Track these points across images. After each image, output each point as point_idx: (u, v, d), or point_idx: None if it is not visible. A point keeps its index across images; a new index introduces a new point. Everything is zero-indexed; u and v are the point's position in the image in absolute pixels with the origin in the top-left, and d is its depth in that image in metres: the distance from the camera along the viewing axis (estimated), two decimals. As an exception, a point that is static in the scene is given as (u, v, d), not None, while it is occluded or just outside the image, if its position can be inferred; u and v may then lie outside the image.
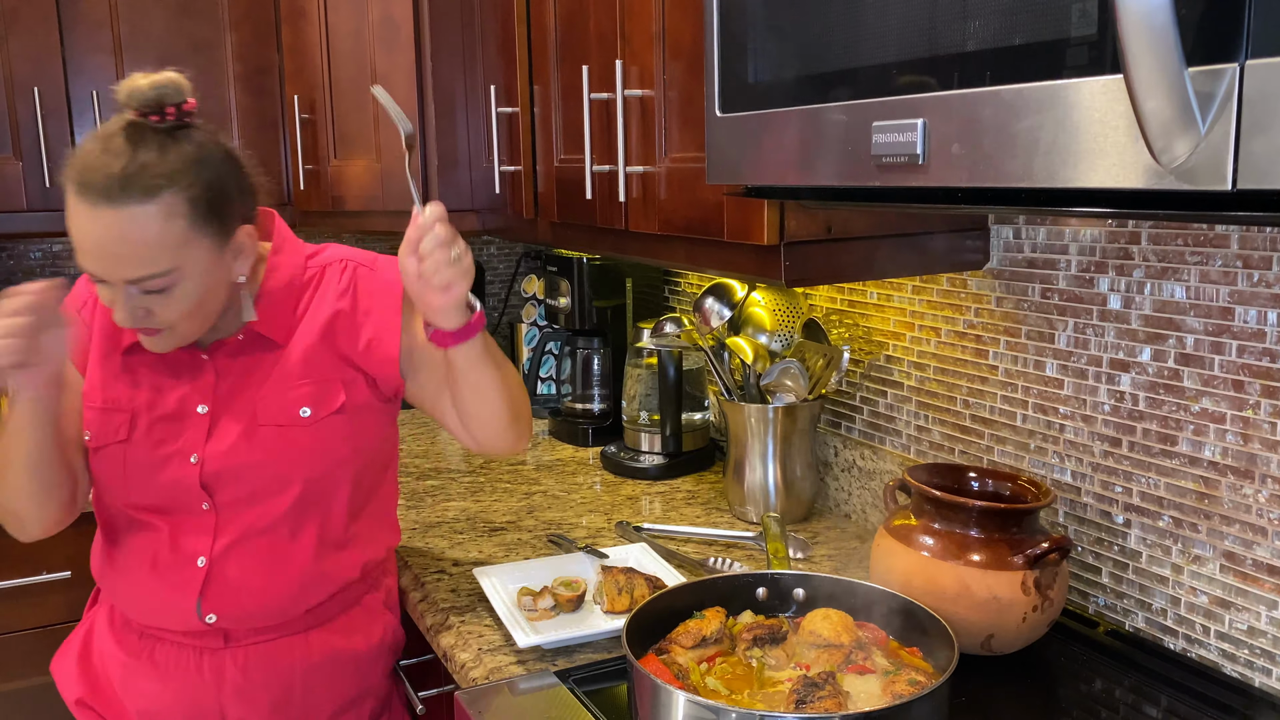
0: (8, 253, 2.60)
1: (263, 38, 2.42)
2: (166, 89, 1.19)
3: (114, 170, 1.15)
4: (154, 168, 1.16)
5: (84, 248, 1.17)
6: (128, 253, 1.16)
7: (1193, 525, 1.21)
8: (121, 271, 1.17)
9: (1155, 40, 0.63)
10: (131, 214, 1.15)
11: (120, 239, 1.15)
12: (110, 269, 1.17)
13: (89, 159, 1.16)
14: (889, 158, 0.91)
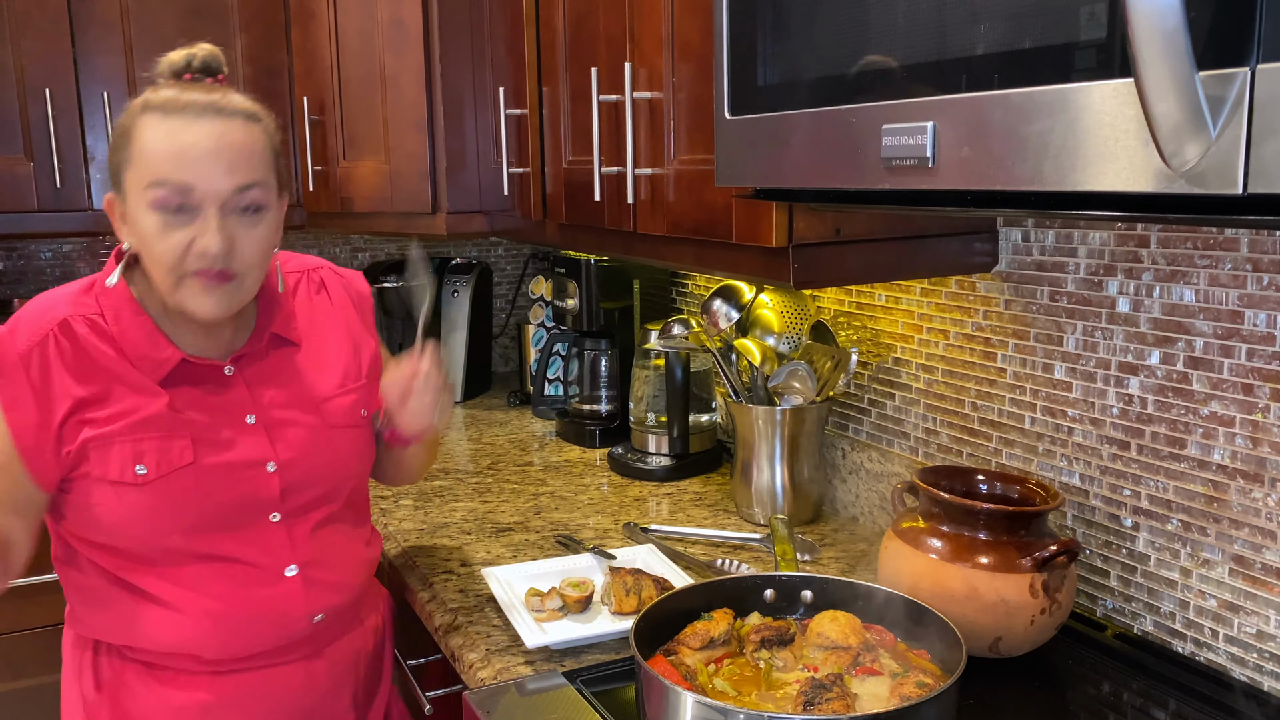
0: (18, 252, 2.62)
1: (272, 40, 2.43)
2: (217, 57, 1.26)
3: (209, 98, 1.18)
4: (244, 101, 1.22)
5: (174, 155, 1.15)
6: (238, 158, 1.17)
7: (1201, 529, 1.21)
8: (230, 177, 1.16)
9: (1166, 44, 0.63)
10: (237, 125, 1.18)
11: (229, 144, 1.17)
12: (216, 175, 1.16)
13: (169, 94, 1.19)
14: (898, 160, 0.91)
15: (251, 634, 1.27)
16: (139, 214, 1.17)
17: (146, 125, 1.17)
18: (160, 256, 1.17)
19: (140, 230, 1.18)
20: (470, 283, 2.71)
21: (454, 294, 2.72)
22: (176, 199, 1.16)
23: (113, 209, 1.23)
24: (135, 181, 1.17)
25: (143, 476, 1.20)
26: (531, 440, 2.33)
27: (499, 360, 3.05)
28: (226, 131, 1.18)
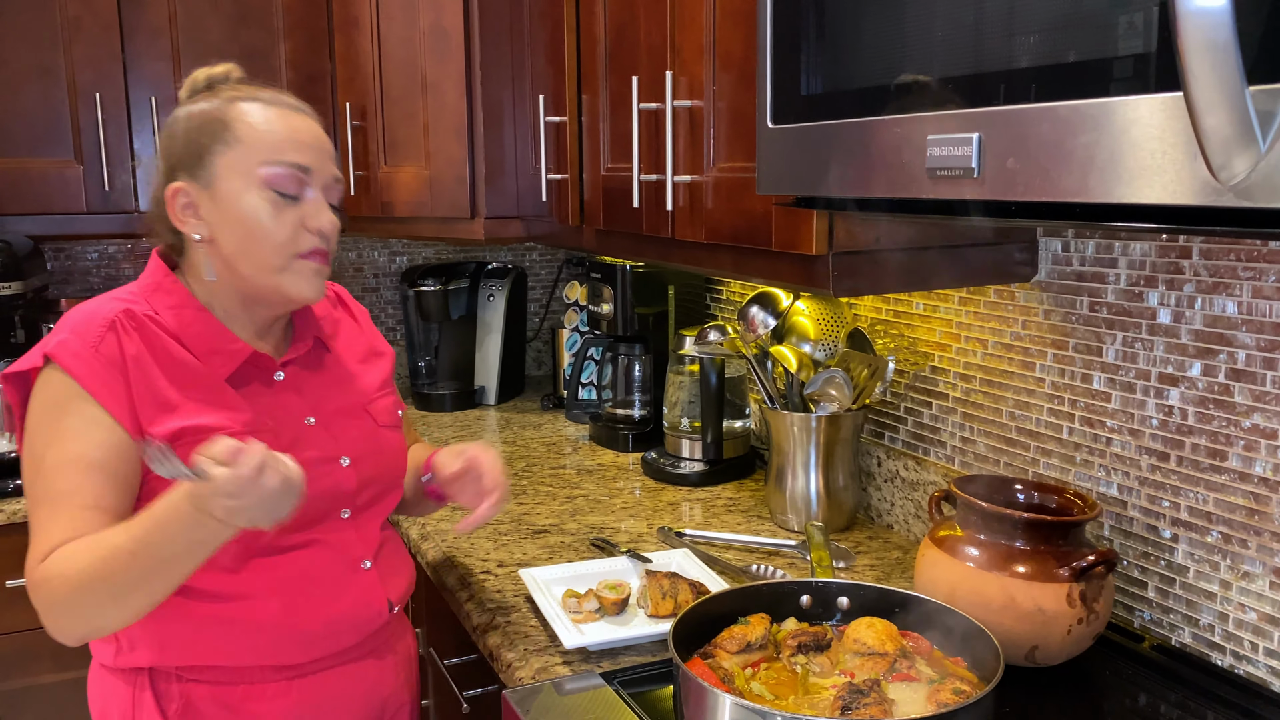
0: (65, 253, 2.67)
1: (316, 46, 2.46)
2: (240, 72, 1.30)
3: (287, 93, 1.26)
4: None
5: (290, 137, 1.21)
6: (330, 152, 1.25)
7: (1242, 541, 1.21)
8: (331, 166, 1.24)
9: (1217, 58, 0.64)
10: (312, 121, 1.25)
11: (317, 135, 1.24)
12: (323, 161, 1.23)
13: (252, 87, 1.24)
14: (943, 170, 0.92)
15: (335, 631, 1.27)
16: (243, 196, 1.18)
17: (248, 111, 1.20)
18: (270, 235, 1.19)
19: (242, 212, 1.18)
20: (505, 287, 2.74)
21: (489, 298, 2.75)
22: (295, 179, 1.20)
23: (183, 198, 1.20)
24: (241, 163, 1.18)
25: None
26: (565, 444, 2.35)
27: (532, 364, 3.07)
28: (314, 124, 1.25)
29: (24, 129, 2.26)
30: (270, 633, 1.23)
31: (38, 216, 2.29)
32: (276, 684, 1.25)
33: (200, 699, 1.23)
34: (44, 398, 1.16)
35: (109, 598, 1.08)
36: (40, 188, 2.28)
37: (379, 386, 1.41)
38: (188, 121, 1.22)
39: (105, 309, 1.19)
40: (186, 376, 1.19)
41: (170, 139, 1.23)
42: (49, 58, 2.25)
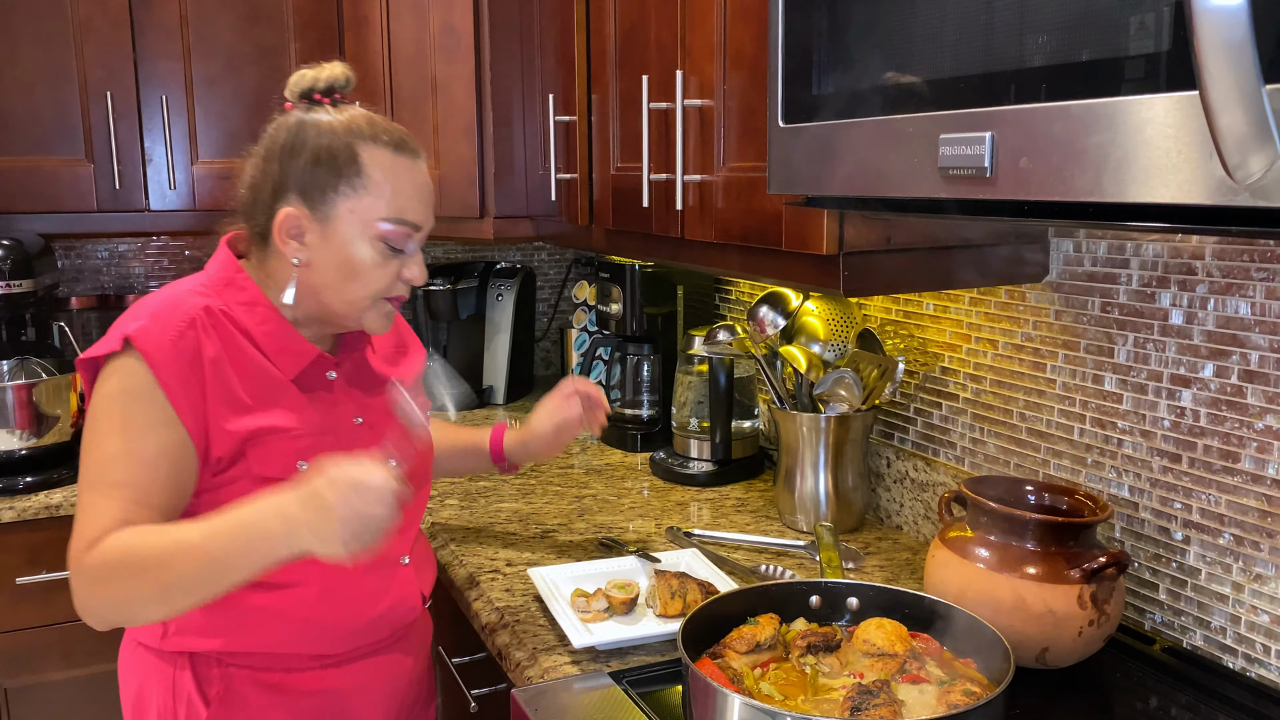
0: (76, 252, 2.68)
1: (326, 45, 2.47)
2: (350, 78, 1.31)
3: (405, 130, 1.27)
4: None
5: (414, 197, 1.24)
6: (433, 203, 1.28)
7: (1254, 543, 1.20)
8: (431, 220, 1.28)
9: (1233, 57, 0.63)
10: (425, 168, 1.28)
11: (430, 189, 1.28)
12: (428, 216, 1.27)
13: (377, 121, 1.25)
14: (956, 170, 0.91)
15: (375, 626, 1.32)
16: (354, 242, 1.21)
17: (378, 157, 1.21)
18: (370, 285, 1.23)
19: (350, 257, 1.21)
20: (514, 287, 2.74)
21: (498, 298, 2.75)
22: (405, 237, 1.23)
23: (293, 224, 1.21)
24: (363, 210, 1.20)
25: (305, 472, 1.13)
26: (573, 443, 2.35)
27: (540, 364, 3.07)
28: (427, 174, 1.28)
29: (35, 127, 2.26)
30: (315, 625, 1.27)
31: (48, 215, 2.30)
32: (314, 671, 1.29)
33: (240, 682, 1.26)
34: (118, 382, 1.16)
35: (159, 592, 1.09)
36: (51, 186, 2.28)
37: (411, 387, 1.43)
38: (316, 144, 1.21)
39: (186, 303, 1.20)
40: (258, 377, 1.21)
41: (292, 154, 1.21)
42: (60, 57, 2.26)
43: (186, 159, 2.40)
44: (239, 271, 1.26)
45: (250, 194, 1.25)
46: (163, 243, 2.76)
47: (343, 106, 1.26)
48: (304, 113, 1.25)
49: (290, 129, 1.23)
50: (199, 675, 1.25)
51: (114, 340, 1.16)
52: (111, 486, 1.13)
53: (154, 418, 1.15)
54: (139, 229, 2.40)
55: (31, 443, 2.03)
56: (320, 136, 1.21)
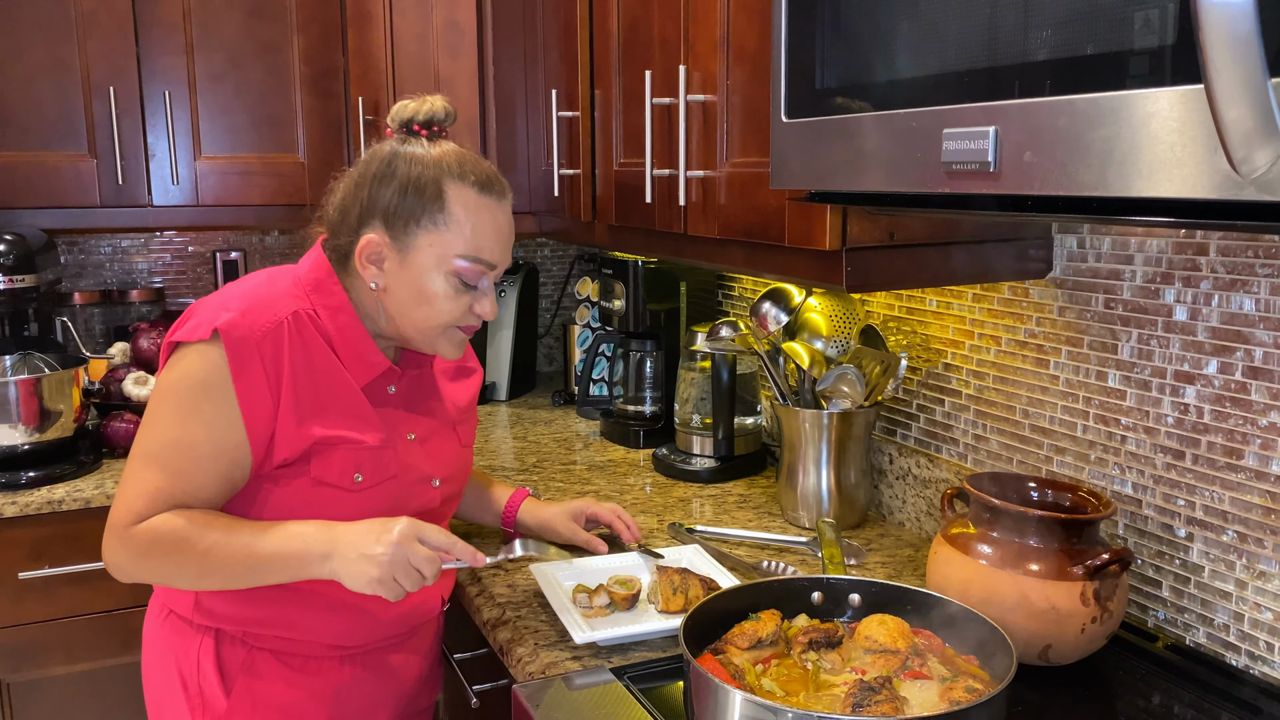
0: (79, 247, 2.68)
1: (329, 41, 2.47)
2: (450, 112, 1.34)
3: (494, 171, 1.30)
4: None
5: (493, 237, 1.27)
6: (511, 242, 1.31)
7: (1258, 540, 1.20)
8: (508, 259, 1.31)
9: (1238, 50, 0.63)
10: (509, 208, 1.31)
11: (511, 230, 1.31)
12: (505, 256, 1.30)
13: (467, 159, 1.28)
14: (959, 165, 0.91)
15: (394, 622, 1.37)
16: (430, 273, 1.25)
17: (464, 195, 1.25)
18: (441, 316, 1.27)
19: (424, 288, 1.26)
20: (517, 283, 2.74)
21: (500, 294, 2.75)
22: (479, 275, 1.27)
23: (374, 250, 1.25)
24: (441, 245, 1.24)
25: (358, 484, 1.27)
26: (576, 440, 2.35)
27: (543, 360, 3.07)
28: (508, 216, 1.31)
29: (38, 123, 2.26)
30: (343, 619, 1.32)
31: (51, 210, 2.30)
32: (332, 660, 1.34)
33: (261, 663, 1.31)
34: (198, 370, 1.21)
35: (195, 576, 1.20)
36: (54, 181, 2.28)
37: (465, 406, 1.47)
38: (406, 175, 1.25)
39: (278, 304, 1.24)
40: (332, 384, 1.26)
41: (382, 182, 1.26)
42: (63, 52, 2.26)
43: (190, 154, 2.40)
44: (330, 275, 1.30)
45: (339, 215, 1.30)
46: (166, 238, 2.76)
47: (438, 141, 1.30)
48: (399, 143, 1.29)
49: (384, 158, 1.28)
50: (222, 652, 1.31)
51: (203, 328, 1.20)
52: (163, 469, 1.20)
53: (220, 416, 1.20)
54: (142, 224, 2.40)
55: (34, 438, 2.03)
56: (411, 169, 1.25)
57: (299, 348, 1.23)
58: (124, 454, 2.20)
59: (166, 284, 2.78)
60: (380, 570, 1.17)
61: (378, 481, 1.29)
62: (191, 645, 1.32)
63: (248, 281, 1.29)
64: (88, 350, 2.48)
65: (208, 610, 1.30)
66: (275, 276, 1.30)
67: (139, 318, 2.68)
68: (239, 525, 1.21)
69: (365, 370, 1.29)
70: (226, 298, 1.25)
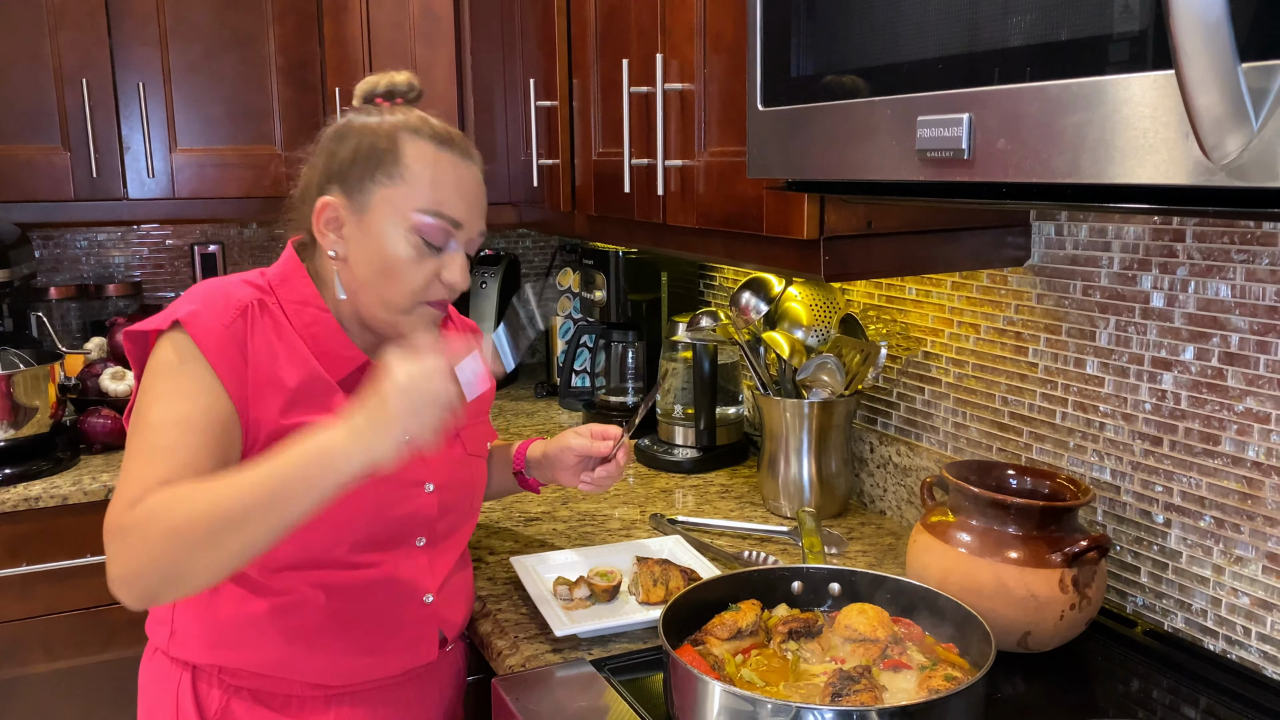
0: (54, 241, 2.65)
1: (305, 31, 2.44)
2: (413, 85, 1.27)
3: (459, 133, 1.23)
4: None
5: (454, 191, 1.20)
6: (483, 204, 1.24)
7: (1235, 526, 1.20)
8: (481, 222, 1.24)
9: (1209, 36, 0.62)
10: (478, 171, 1.24)
11: (479, 191, 1.24)
12: (473, 217, 1.22)
13: (433, 120, 1.22)
14: (933, 152, 0.90)
15: (382, 664, 1.26)
16: (390, 234, 1.17)
17: (419, 149, 1.18)
18: (404, 280, 1.18)
19: (384, 250, 1.18)
20: (498, 274, 2.73)
21: (482, 285, 2.73)
22: (444, 232, 1.19)
23: (330, 213, 1.19)
24: (398, 201, 1.17)
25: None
26: (558, 431, 2.34)
27: (526, 352, 3.06)
28: (477, 177, 1.24)
29: (10, 115, 2.24)
30: (321, 654, 1.22)
31: (25, 204, 2.27)
32: (316, 700, 1.24)
33: (239, 707, 1.23)
34: (163, 356, 1.14)
35: (206, 535, 1.01)
36: (27, 175, 2.26)
37: (473, 413, 1.37)
38: (359, 137, 1.20)
39: (239, 293, 1.19)
40: (305, 374, 1.19)
41: (334, 146, 1.21)
42: (34, 43, 2.23)
43: (165, 147, 2.38)
44: (298, 269, 1.24)
45: (301, 195, 1.25)
46: (143, 232, 2.74)
47: (399, 108, 1.24)
48: (354, 113, 1.24)
49: (339, 125, 1.23)
50: (199, 690, 1.23)
51: (163, 320, 1.15)
52: (155, 450, 1.09)
53: (201, 385, 1.13)
54: (117, 218, 2.37)
55: (9, 434, 2.01)
56: (365, 128, 1.20)
57: (267, 333, 1.18)
58: (102, 449, 2.19)
59: (144, 278, 2.75)
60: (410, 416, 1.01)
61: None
62: (170, 683, 1.24)
63: (209, 280, 1.23)
64: (64, 345, 2.46)
65: (182, 642, 1.23)
66: (238, 277, 1.24)
67: (116, 312, 2.66)
68: (240, 467, 1.05)
69: (340, 364, 1.22)
70: (188, 294, 1.19)
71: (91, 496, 2.00)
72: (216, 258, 2.80)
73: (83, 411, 2.21)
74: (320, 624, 1.21)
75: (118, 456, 2.17)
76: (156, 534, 1.02)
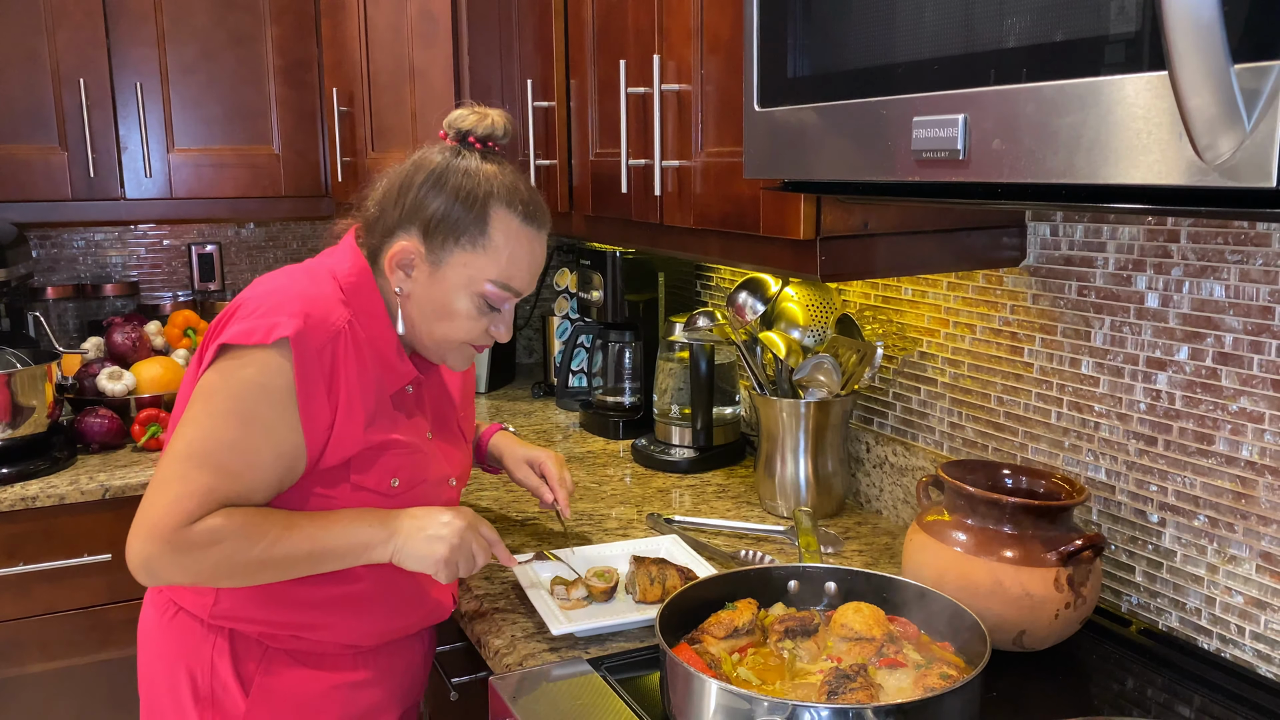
0: (51, 241, 2.66)
1: (303, 31, 2.45)
2: (507, 129, 1.32)
3: (539, 199, 1.31)
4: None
5: (527, 267, 1.28)
6: (540, 271, 1.32)
7: (1229, 525, 1.21)
8: (534, 287, 1.32)
9: (1201, 37, 0.63)
10: (546, 236, 1.31)
11: (543, 259, 1.31)
12: (532, 285, 1.31)
13: (517, 184, 1.28)
14: (929, 153, 0.91)
15: (410, 626, 1.39)
16: (457, 292, 1.25)
17: (508, 222, 1.25)
18: (458, 333, 1.28)
19: (449, 303, 1.26)
20: (495, 274, 2.73)
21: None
22: (504, 300, 1.28)
23: (405, 257, 1.25)
24: (475, 267, 1.24)
25: (395, 489, 1.28)
26: (555, 431, 2.34)
27: (523, 352, 3.07)
28: (545, 242, 1.31)
29: (7, 115, 2.24)
30: (364, 620, 1.33)
31: (22, 204, 2.28)
32: (348, 657, 1.35)
33: (278, 662, 1.31)
34: (255, 375, 1.18)
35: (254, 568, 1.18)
36: (24, 175, 2.26)
37: (462, 401, 1.47)
38: (455, 190, 1.24)
39: (336, 313, 1.22)
40: (372, 392, 1.25)
41: (429, 192, 1.25)
42: (32, 43, 2.23)
43: (163, 147, 2.38)
44: (369, 279, 1.28)
45: (377, 212, 1.29)
46: (140, 232, 2.74)
47: (492, 159, 1.29)
48: (453, 155, 1.28)
49: (436, 168, 1.26)
50: (238, 651, 1.29)
51: (262, 332, 1.17)
52: (220, 471, 1.17)
53: (280, 421, 1.18)
54: (115, 218, 2.38)
55: (6, 434, 2.01)
56: (461, 186, 1.24)
57: (352, 358, 1.22)
58: (99, 449, 2.19)
59: (141, 278, 2.75)
60: (448, 551, 1.22)
61: (412, 485, 1.30)
62: (205, 645, 1.29)
63: (297, 281, 1.24)
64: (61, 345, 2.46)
65: (227, 611, 1.28)
66: (317, 275, 1.26)
67: (113, 312, 2.66)
68: (296, 517, 1.20)
69: (396, 379, 1.29)
70: (282, 300, 1.20)
71: (88, 496, 2.00)
72: (213, 258, 2.80)
73: (80, 411, 2.21)
74: (366, 593, 1.31)
75: (114, 456, 2.17)
76: (210, 561, 1.15)
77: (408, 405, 1.33)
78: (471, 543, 1.25)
